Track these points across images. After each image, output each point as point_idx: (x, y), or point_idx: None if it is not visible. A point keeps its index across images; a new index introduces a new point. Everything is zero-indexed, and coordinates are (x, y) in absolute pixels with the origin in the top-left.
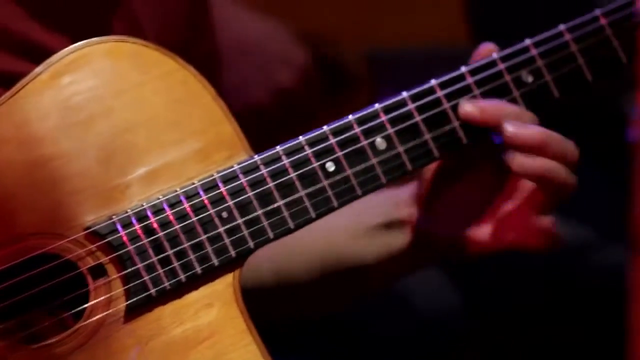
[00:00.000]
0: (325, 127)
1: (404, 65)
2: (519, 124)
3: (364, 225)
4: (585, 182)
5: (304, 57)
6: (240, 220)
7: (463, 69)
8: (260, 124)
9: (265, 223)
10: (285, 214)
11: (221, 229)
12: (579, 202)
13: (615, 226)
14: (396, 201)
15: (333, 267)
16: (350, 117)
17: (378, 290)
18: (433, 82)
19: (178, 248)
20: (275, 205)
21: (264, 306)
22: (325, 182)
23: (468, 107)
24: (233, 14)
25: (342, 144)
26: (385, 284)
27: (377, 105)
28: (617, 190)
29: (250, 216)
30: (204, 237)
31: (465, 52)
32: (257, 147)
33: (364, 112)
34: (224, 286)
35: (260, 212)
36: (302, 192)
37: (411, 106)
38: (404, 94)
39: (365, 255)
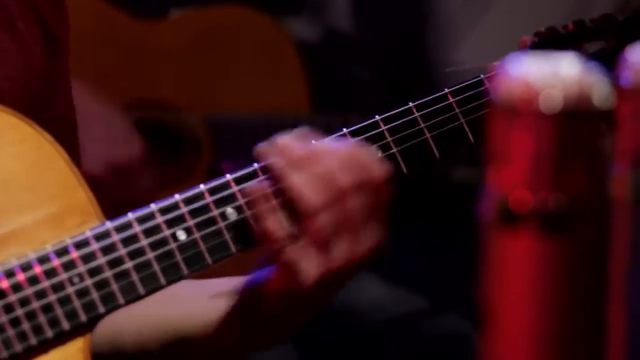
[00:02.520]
0: (177, 196)
1: (246, 130)
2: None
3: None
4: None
5: (141, 145)
6: (91, 285)
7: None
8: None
9: (115, 288)
10: (135, 279)
11: (72, 293)
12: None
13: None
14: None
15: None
16: (202, 186)
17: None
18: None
19: (29, 311)
20: (126, 270)
21: None
22: (175, 250)
23: None
24: (80, 86)
25: (193, 213)
26: (217, 351)
27: (228, 176)
28: (450, 259)
29: (101, 281)
30: (55, 301)
31: (307, 119)
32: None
33: (216, 183)
34: (75, 350)
35: (111, 277)
36: (152, 259)
37: (261, 177)
38: (256, 166)
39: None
